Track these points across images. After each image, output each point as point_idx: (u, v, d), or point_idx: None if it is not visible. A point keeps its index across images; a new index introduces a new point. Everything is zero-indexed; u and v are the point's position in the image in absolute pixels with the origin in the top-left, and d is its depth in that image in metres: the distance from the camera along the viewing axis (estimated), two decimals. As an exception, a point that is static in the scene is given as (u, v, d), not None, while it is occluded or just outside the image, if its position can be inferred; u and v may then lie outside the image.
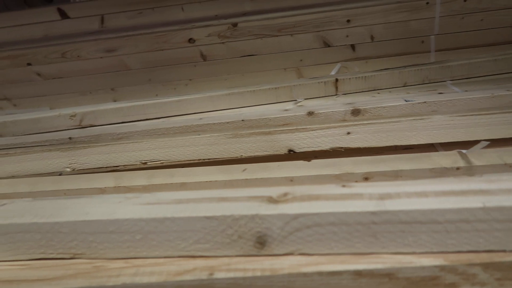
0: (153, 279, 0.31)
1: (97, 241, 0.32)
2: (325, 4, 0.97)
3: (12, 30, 1.11)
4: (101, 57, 1.00)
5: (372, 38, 0.96)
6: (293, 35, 0.96)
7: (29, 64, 1.01)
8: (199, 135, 0.58)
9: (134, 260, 0.33)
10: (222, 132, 0.60)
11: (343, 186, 0.32)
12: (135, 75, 1.01)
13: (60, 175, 0.63)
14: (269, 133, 0.58)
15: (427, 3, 0.94)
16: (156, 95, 1.02)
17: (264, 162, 0.57)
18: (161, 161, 0.58)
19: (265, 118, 0.66)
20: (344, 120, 0.62)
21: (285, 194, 0.32)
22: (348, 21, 0.95)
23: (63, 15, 1.14)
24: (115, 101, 1.04)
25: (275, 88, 0.86)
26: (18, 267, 0.33)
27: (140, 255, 0.32)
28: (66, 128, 0.87)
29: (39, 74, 1.02)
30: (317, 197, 0.31)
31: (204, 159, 0.58)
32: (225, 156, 0.58)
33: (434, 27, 0.96)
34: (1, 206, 0.35)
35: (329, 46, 0.98)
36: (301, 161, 0.54)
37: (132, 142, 0.60)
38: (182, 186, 0.52)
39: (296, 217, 0.29)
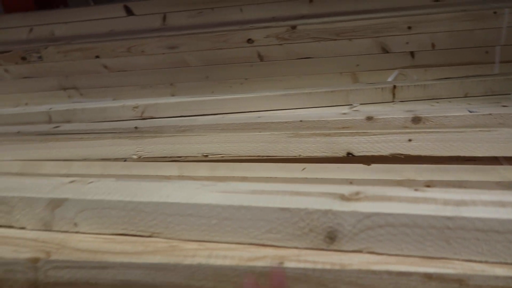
0: (226, 262, 0.32)
1: (175, 222, 0.35)
2: (386, 9, 0.96)
3: (82, 24, 1.19)
4: (163, 53, 1.04)
5: (433, 46, 0.94)
6: (352, 40, 0.96)
7: (97, 56, 1.07)
8: (260, 132, 0.60)
9: (208, 244, 0.35)
10: (281, 131, 0.62)
11: (416, 190, 0.33)
12: (193, 72, 1.05)
13: (124, 161, 0.67)
14: (328, 134, 0.59)
15: (495, 12, 0.91)
16: (212, 92, 1.05)
17: (321, 163, 0.58)
18: (222, 155, 0.61)
19: (323, 120, 0.66)
20: (405, 127, 0.61)
21: (357, 193, 0.32)
22: (409, 27, 0.94)
23: (129, 11, 1.20)
24: (173, 95, 1.08)
25: (331, 91, 0.86)
26: (102, 239, 0.36)
27: (214, 239, 0.34)
28: (129, 119, 0.92)
29: (105, 67, 1.08)
30: (390, 198, 0.31)
31: (263, 156, 0.60)
32: (283, 155, 0.59)
33: (500, 37, 0.92)
34: (89, 183, 0.39)
35: (387, 52, 0.97)
36: (361, 165, 0.55)
37: (195, 135, 0.63)
38: (243, 180, 0.54)
39: (369, 215, 0.30)
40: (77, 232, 0.38)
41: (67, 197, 0.37)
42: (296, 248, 0.33)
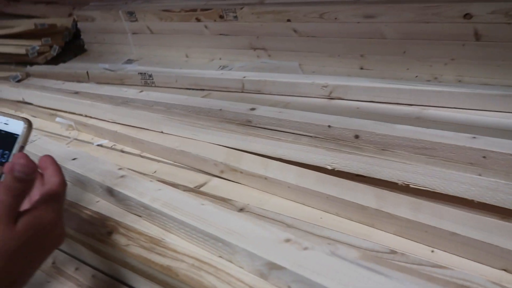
0: None
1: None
2: None
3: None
4: (358, 22, 0.95)
5: None
6: None
7: (288, 20, 1.05)
8: (480, 175, 0.51)
9: None
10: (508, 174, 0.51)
11: None
12: (388, 45, 0.95)
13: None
14: None
15: None
16: (407, 69, 0.94)
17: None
18: (427, 188, 0.55)
19: None
20: None
21: None
22: None
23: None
24: (361, 68, 1.01)
25: None
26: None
27: None
28: (316, 96, 0.90)
29: (295, 31, 1.06)
30: None
31: (478, 201, 0.51)
32: (506, 206, 0.50)
33: None
34: (304, 249, 0.40)
35: None
36: None
37: (396, 161, 0.58)
38: (452, 236, 0.48)
39: None
40: (287, 292, 0.40)
41: (284, 266, 0.38)
42: None
